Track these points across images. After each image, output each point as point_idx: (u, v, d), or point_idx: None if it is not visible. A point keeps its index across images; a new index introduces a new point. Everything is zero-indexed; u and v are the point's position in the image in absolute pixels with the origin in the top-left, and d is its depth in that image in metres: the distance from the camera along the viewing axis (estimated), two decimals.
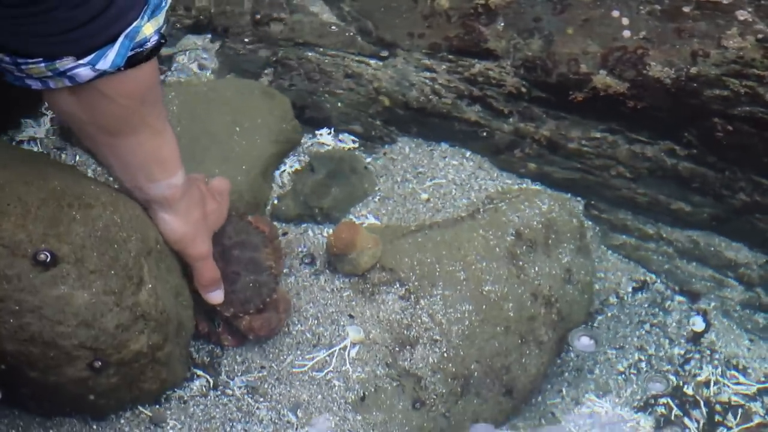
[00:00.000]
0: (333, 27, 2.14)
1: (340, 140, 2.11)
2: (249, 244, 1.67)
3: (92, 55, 1.27)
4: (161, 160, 1.47)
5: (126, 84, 1.34)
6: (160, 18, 1.33)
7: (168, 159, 1.47)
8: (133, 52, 1.30)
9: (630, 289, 2.05)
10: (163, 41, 1.35)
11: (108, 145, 1.44)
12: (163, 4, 1.33)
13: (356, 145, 2.11)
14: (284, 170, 2.00)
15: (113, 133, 1.41)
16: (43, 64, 1.27)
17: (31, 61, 1.27)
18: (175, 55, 2.18)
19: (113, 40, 1.27)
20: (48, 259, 1.35)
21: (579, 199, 2.10)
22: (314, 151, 2.05)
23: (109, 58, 1.28)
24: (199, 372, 1.64)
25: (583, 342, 1.95)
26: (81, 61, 1.27)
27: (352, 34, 2.12)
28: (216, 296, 1.60)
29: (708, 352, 1.98)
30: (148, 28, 1.31)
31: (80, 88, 1.32)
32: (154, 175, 1.47)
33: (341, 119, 2.12)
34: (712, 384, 1.92)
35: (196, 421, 1.57)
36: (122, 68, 1.30)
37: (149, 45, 1.32)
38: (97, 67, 1.28)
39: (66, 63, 1.27)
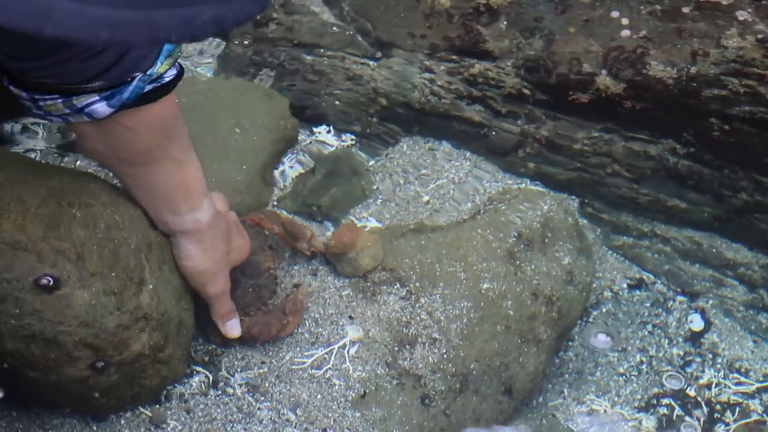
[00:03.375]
0: (332, 27, 2.14)
1: (342, 140, 2.11)
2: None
3: (107, 92, 1.27)
4: (186, 192, 1.45)
5: (145, 117, 1.34)
6: (176, 54, 1.33)
7: (193, 191, 1.46)
8: (150, 87, 1.31)
9: (625, 286, 2.05)
10: (181, 72, 1.35)
11: (132, 177, 1.44)
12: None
13: (354, 142, 2.11)
14: (283, 170, 2.01)
15: (136, 165, 1.41)
16: (60, 101, 1.28)
17: (48, 97, 1.28)
18: None
19: (128, 83, 1.28)
20: (50, 284, 1.35)
21: (574, 197, 2.10)
22: (314, 151, 2.05)
23: (124, 96, 1.29)
24: (199, 369, 1.64)
25: (600, 339, 1.96)
26: (97, 97, 1.27)
27: (351, 33, 2.12)
28: (232, 326, 1.59)
29: (710, 355, 1.98)
30: (163, 68, 1.31)
31: (101, 122, 1.32)
32: (179, 207, 1.46)
33: (341, 119, 2.12)
34: (713, 386, 1.92)
35: (196, 422, 1.57)
36: (139, 103, 1.31)
37: (166, 79, 1.33)
38: (113, 103, 1.29)
39: (83, 99, 1.28)
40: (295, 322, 1.66)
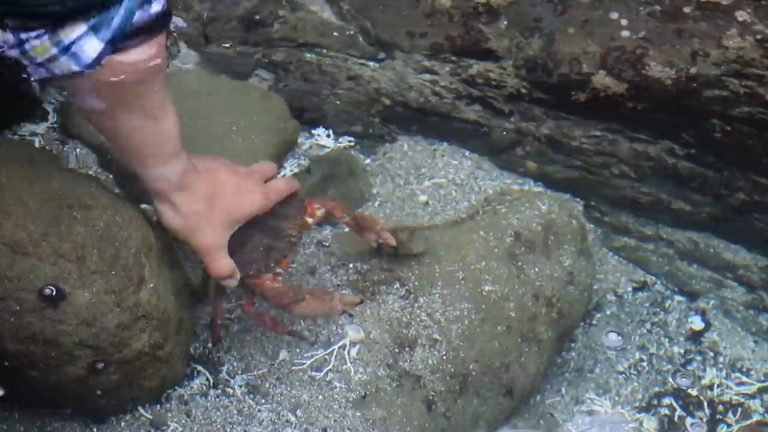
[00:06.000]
0: (332, 26, 2.14)
1: (339, 142, 2.11)
2: (280, 214, 1.64)
3: (95, 19, 1.25)
4: (154, 148, 1.44)
5: (126, 61, 1.31)
6: None
7: (162, 148, 1.45)
8: (138, 17, 1.28)
9: (630, 289, 2.05)
10: (168, 13, 1.32)
11: (106, 126, 1.42)
12: None
13: (353, 143, 2.11)
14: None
15: (109, 112, 1.38)
16: (46, 37, 1.26)
17: (33, 34, 1.26)
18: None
19: (117, 5, 1.26)
20: (54, 293, 1.35)
21: (579, 200, 2.10)
22: (313, 155, 2.05)
23: (114, 23, 1.26)
24: (200, 368, 1.64)
25: (611, 338, 1.97)
26: (85, 28, 1.26)
27: (351, 33, 2.12)
28: (230, 283, 1.58)
29: (711, 354, 1.98)
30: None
31: (84, 75, 1.30)
32: (146, 163, 1.45)
33: (340, 120, 2.12)
34: (715, 386, 1.93)
35: (197, 423, 1.57)
36: (126, 38, 1.28)
37: (152, 11, 1.30)
38: (102, 35, 1.27)
39: (69, 33, 1.26)
40: (311, 307, 1.61)
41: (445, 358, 1.68)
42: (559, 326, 1.84)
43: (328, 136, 2.11)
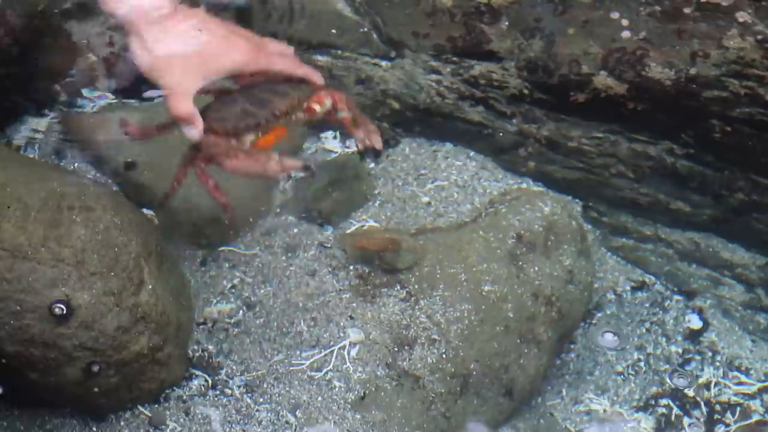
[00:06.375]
0: (347, 21, 2.12)
1: (346, 146, 2.11)
2: (277, 90, 1.55)
3: None
4: None
5: None
6: None
7: None
8: None
9: (628, 288, 2.05)
10: None
11: None
12: None
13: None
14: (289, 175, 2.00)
15: None
16: None
17: None
18: None
19: None
20: (64, 312, 1.37)
21: (578, 201, 2.10)
22: (320, 159, 2.05)
23: None
24: (197, 372, 1.65)
25: (607, 338, 1.96)
26: None
27: (366, 30, 2.11)
28: (190, 133, 1.48)
29: (709, 353, 1.98)
30: None
31: None
32: None
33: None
34: (713, 385, 1.92)
35: (196, 423, 1.58)
36: None
37: None
38: None
39: None
40: (244, 165, 1.49)
41: (444, 357, 1.69)
42: (560, 326, 1.84)
43: (335, 137, 2.11)
